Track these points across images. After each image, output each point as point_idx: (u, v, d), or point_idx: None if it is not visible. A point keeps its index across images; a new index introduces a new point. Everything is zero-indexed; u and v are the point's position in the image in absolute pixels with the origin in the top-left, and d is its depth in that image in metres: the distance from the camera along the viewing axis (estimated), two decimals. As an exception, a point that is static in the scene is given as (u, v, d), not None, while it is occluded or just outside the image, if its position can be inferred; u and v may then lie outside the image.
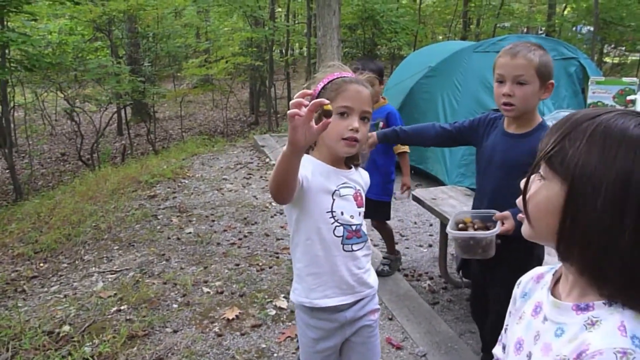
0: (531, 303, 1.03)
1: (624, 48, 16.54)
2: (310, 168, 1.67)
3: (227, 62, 11.37)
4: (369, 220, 3.87)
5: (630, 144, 0.82)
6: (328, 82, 1.69)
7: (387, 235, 3.95)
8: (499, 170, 2.20)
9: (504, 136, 2.20)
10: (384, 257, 3.95)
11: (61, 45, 10.82)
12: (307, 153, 1.72)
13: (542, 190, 0.92)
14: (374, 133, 2.64)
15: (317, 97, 1.60)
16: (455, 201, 3.49)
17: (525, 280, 1.12)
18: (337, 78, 1.70)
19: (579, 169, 0.85)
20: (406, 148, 3.71)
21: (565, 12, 16.22)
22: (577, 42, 13.89)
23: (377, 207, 3.59)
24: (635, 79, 3.52)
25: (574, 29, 16.16)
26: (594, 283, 0.88)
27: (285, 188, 1.52)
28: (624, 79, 3.45)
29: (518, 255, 2.21)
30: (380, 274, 3.56)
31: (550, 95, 2.04)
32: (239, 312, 3.32)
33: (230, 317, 3.25)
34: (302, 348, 1.89)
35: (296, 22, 17.73)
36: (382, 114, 3.60)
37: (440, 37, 19.27)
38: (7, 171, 9.00)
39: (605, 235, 0.83)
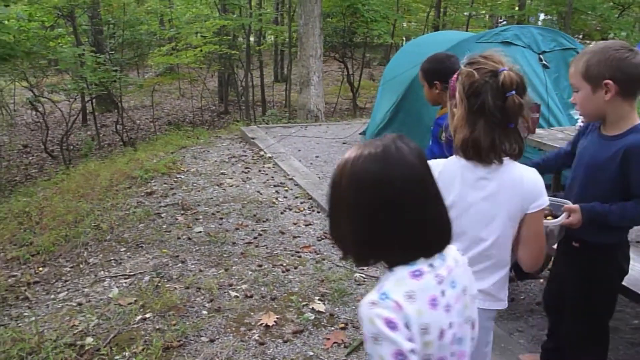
0: None
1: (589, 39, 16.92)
2: None
3: (201, 50, 11.01)
4: None
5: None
6: None
7: None
8: (585, 170, 2.16)
9: (597, 137, 2.14)
10: None
11: (20, 33, 10.22)
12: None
13: None
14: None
15: None
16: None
17: None
18: None
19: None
20: None
21: (534, 1, 16.49)
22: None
23: None
24: None
25: (537, 16, 16.49)
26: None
27: None
28: None
29: (592, 264, 2.16)
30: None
31: (613, 94, 1.95)
32: (277, 318, 3.16)
33: (270, 324, 3.09)
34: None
35: (262, 9, 17.35)
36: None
37: (405, 25, 19.32)
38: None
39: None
